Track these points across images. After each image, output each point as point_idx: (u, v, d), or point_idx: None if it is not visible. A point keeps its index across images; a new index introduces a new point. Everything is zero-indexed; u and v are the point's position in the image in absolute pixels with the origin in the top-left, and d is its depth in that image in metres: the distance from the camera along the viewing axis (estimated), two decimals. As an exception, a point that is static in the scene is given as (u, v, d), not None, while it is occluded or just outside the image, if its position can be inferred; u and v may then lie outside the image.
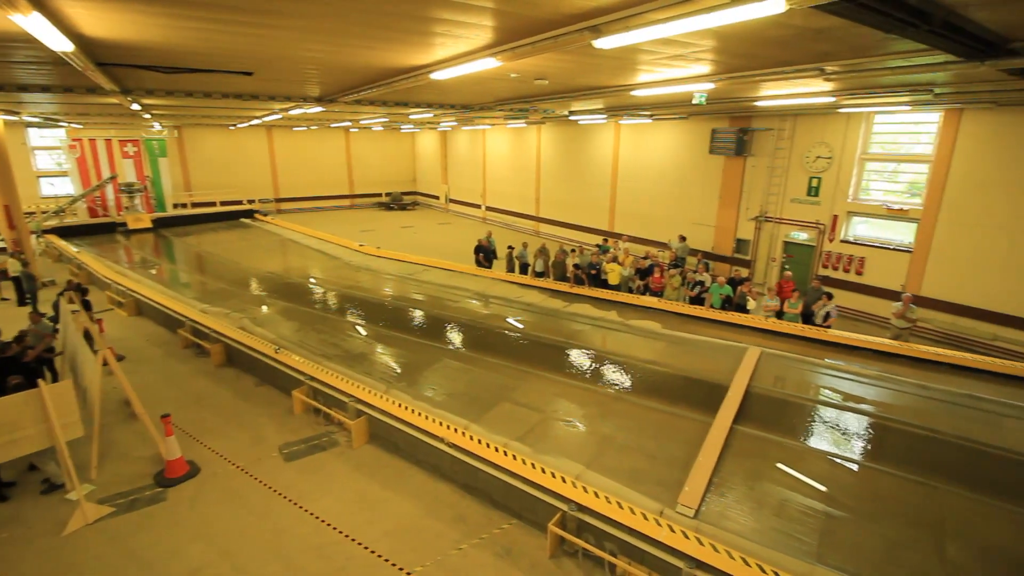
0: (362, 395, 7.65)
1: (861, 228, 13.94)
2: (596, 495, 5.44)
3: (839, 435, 7.43)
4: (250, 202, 29.12)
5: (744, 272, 15.24)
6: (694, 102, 10.05)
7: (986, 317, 11.47)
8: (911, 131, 13.06)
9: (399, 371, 9.21)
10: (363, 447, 7.43)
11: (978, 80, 8.45)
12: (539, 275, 13.91)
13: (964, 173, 11.78)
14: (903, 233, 13.07)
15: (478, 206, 29.94)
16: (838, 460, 6.82)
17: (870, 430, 7.52)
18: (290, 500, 6.34)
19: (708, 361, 9.47)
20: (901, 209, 12.95)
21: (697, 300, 11.93)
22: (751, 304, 11.19)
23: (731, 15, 3.58)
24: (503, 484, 6.05)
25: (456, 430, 6.68)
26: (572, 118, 18.23)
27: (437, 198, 34.14)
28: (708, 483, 5.80)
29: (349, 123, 24.65)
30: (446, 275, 15.00)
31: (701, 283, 12.00)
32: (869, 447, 7.13)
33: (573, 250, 13.98)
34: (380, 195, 34.73)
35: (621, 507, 5.26)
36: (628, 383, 8.82)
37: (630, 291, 12.85)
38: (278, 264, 18.10)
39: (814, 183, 14.42)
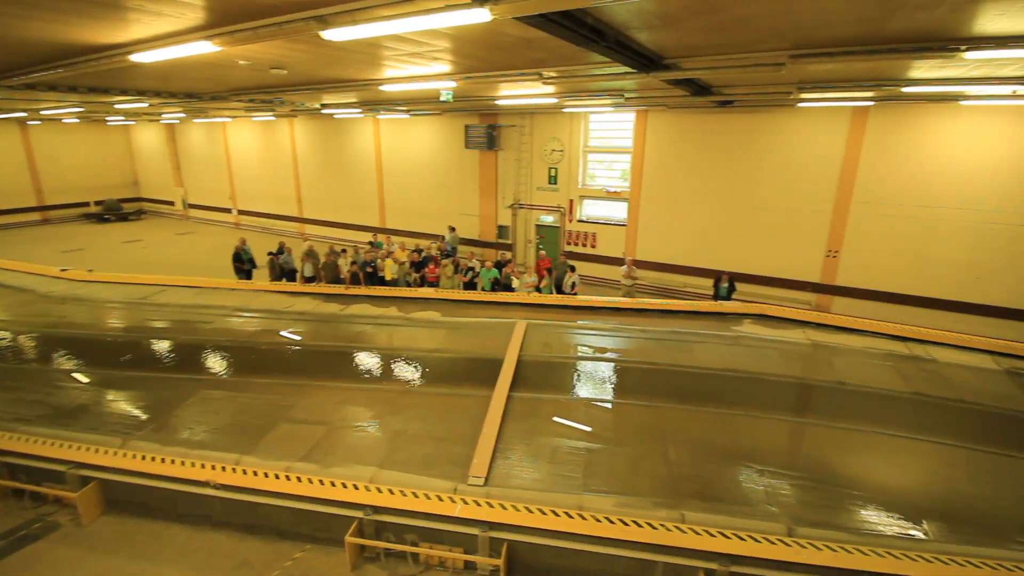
0: (86, 457, 6.12)
1: (591, 209, 16.68)
2: (391, 492, 5.43)
3: (595, 382, 8.88)
4: None
5: (508, 255, 16.79)
6: (441, 99, 10.54)
7: (678, 270, 14.99)
8: (617, 128, 16.05)
9: (141, 417, 7.62)
10: (97, 521, 5.97)
11: (652, 88, 10.77)
12: (309, 280, 13.00)
13: (653, 161, 15.02)
14: (620, 211, 16.08)
15: (228, 210, 26.31)
16: (596, 403, 8.15)
17: (615, 373, 9.16)
18: (-15, 620, 4.75)
19: (485, 340, 10.22)
20: (616, 191, 15.90)
21: (470, 285, 12.72)
22: (515, 283, 12.42)
23: (446, 19, 3.85)
24: (291, 511, 5.58)
25: (225, 468, 5.87)
26: (326, 111, 17.33)
27: (172, 204, 28.85)
28: (493, 451, 6.32)
29: (24, 113, 18.97)
30: (193, 294, 12.87)
31: (472, 269, 12.82)
32: (615, 387, 8.70)
33: (344, 250, 13.42)
34: (88, 204, 27.70)
35: (416, 496, 5.36)
36: (415, 375, 8.96)
37: (408, 285, 12.99)
38: (-78, 309, 12.99)
39: (552, 173, 16.63)
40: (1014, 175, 11.22)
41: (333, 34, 4.70)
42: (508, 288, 12.39)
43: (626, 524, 4.92)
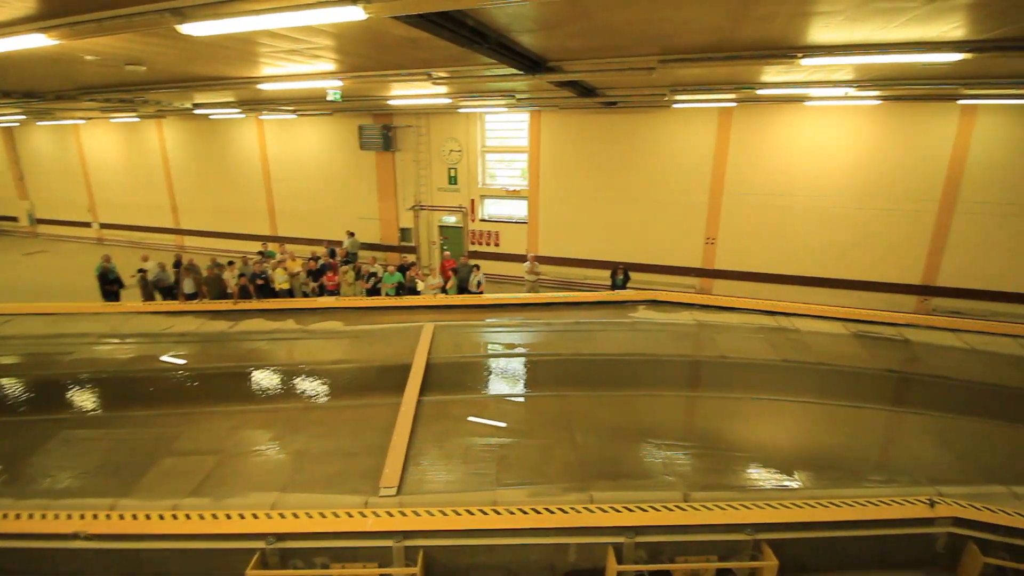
0: (-90, 526, 5.13)
1: (493, 208, 16.89)
2: (295, 516, 5.14)
3: (505, 378, 9.01)
4: None
5: (411, 258, 16.53)
6: (329, 98, 10.12)
7: (578, 264, 15.66)
8: (513, 128, 16.38)
9: (-16, 470, 6.52)
10: (-69, 598, 5.04)
11: (541, 89, 11.13)
12: (190, 297, 11.87)
13: (549, 159, 15.54)
14: (521, 209, 16.45)
15: (88, 224, 23.27)
16: (507, 398, 8.28)
17: (524, 367, 9.36)
18: None
19: (392, 346, 9.97)
20: (516, 190, 16.24)
21: (374, 291, 12.34)
22: (420, 286, 12.26)
23: (318, 16, 3.71)
24: (179, 552, 5.08)
25: (97, 515, 5.21)
26: (199, 112, 15.89)
27: (15, 220, 24.93)
28: (405, 458, 6.20)
29: None
30: (47, 322, 11.23)
31: (374, 274, 12.45)
32: (525, 380, 8.90)
33: (231, 262, 12.41)
34: None
35: (324, 516, 5.12)
36: (319, 389, 8.53)
37: (305, 295, 12.32)
38: None
39: (452, 173, 16.61)
40: (851, 165, 13.06)
41: (193, 28, 4.32)
42: (413, 291, 12.20)
43: (539, 512, 5.07)
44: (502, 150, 16.71)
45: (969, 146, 12.27)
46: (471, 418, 7.52)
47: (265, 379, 8.98)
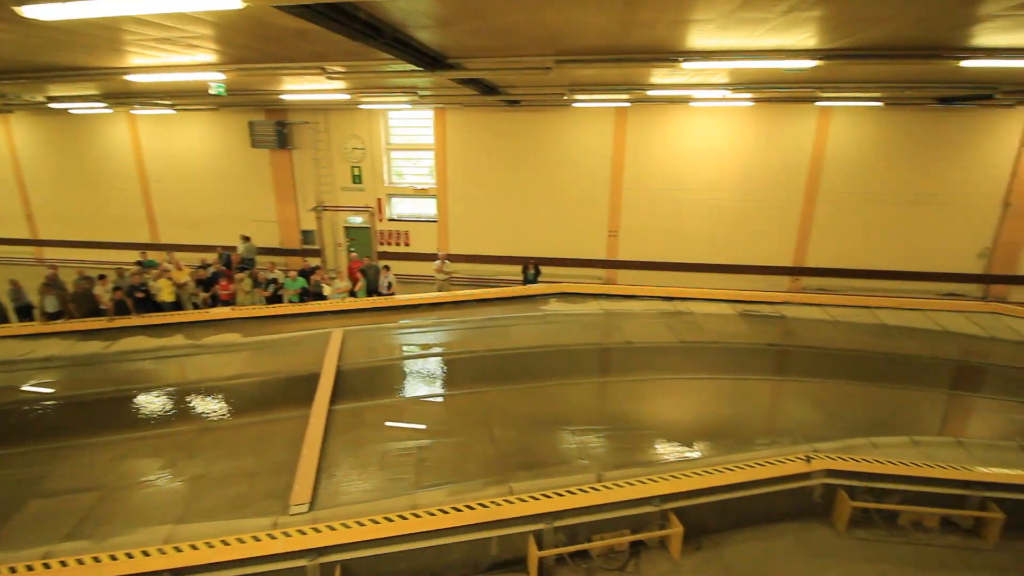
0: None
1: (401, 207, 16.53)
2: (194, 548, 4.71)
3: (421, 379, 8.89)
4: None
5: (316, 261, 15.73)
6: (212, 92, 9.32)
7: (490, 261, 15.80)
8: (418, 125, 16.10)
9: None
10: None
11: (444, 87, 11.03)
12: (53, 316, 10.44)
13: (456, 157, 15.48)
14: (430, 207, 16.25)
15: (-89, 238, 19.63)
16: (424, 399, 8.17)
17: (440, 366, 9.29)
18: None
19: (298, 356, 9.46)
20: (424, 188, 16.02)
21: (275, 299, 11.60)
22: (327, 290, 11.71)
23: (188, 2, 3.40)
24: (53, 605, 4.47)
25: (-61, 577, 4.44)
26: (56, 106, 13.98)
27: None
28: (317, 472, 5.92)
29: None
30: None
31: (274, 281, 11.70)
32: (441, 380, 8.84)
33: (102, 276, 11.05)
34: None
35: (227, 544, 4.75)
36: (216, 408, 7.89)
37: (196, 307, 11.31)
38: None
39: (356, 171, 16.03)
40: (731, 161, 14.34)
41: (38, 11, 3.79)
42: (319, 296, 11.63)
43: (459, 510, 5.06)
44: (408, 148, 16.39)
45: (826, 143, 13.95)
46: (388, 423, 7.35)
47: (152, 402, 8.13)
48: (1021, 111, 13.06)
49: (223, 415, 7.70)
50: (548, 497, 5.26)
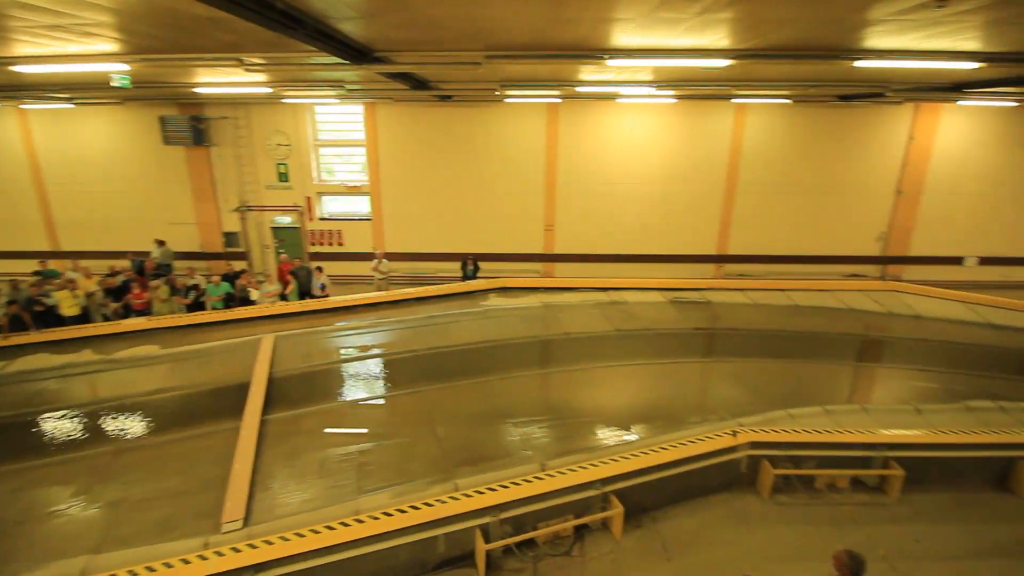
0: None
1: (332, 205, 15.97)
2: (113, 577, 4.37)
3: (360, 382, 8.66)
4: None
5: (241, 265, 14.89)
6: (114, 84, 8.60)
7: (428, 258, 15.62)
8: (348, 120, 15.58)
9: None
10: None
11: (373, 80, 10.76)
12: (-67, 337, 9.25)
13: (388, 153, 15.14)
14: (364, 205, 15.80)
15: None
16: (364, 402, 7.96)
17: (380, 368, 9.09)
18: None
19: (225, 365, 8.94)
20: (357, 186, 15.56)
21: (197, 306, 10.89)
22: (255, 294, 11.13)
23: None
24: (-55, 658, 4.00)
25: None
26: (-80, 99, 12.36)
27: None
28: (250, 486, 5.64)
29: None
30: None
31: (195, 287, 10.98)
32: (382, 381, 8.65)
33: (-10, 288, 9.93)
34: None
35: (152, 570, 4.43)
36: (134, 426, 7.31)
37: (106, 319, 10.40)
38: None
39: (282, 169, 15.30)
40: (657, 155, 14.95)
41: None
42: (247, 301, 11.03)
43: (404, 512, 4.99)
44: (338, 144, 15.83)
45: (743, 138, 14.86)
46: (327, 429, 7.12)
47: (57, 425, 7.42)
48: (909, 107, 14.51)
49: (142, 434, 7.16)
50: (493, 490, 5.30)
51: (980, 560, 5.36)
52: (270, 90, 11.82)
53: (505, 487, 5.34)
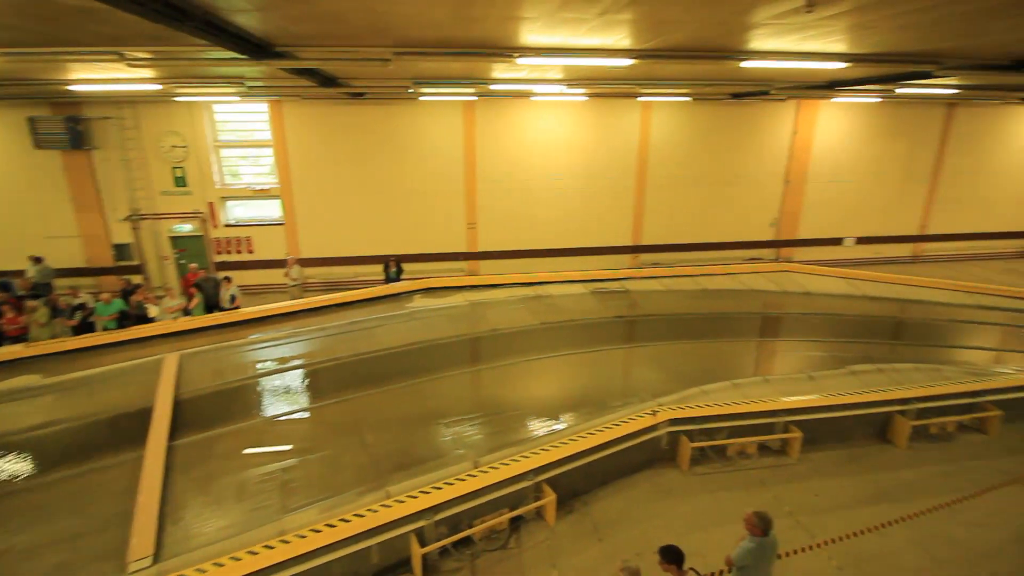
0: None
1: (239, 211, 14.96)
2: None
3: (280, 396, 8.19)
4: None
5: (137, 279, 13.60)
6: (-37, 82, 7.51)
7: (348, 262, 15.09)
8: (253, 119, 14.64)
9: None
10: None
11: (276, 77, 10.17)
12: None
13: (299, 153, 14.41)
14: (274, 209, 14.95)
15: None
16: (285, 417, 7.55)
17: (302, 379, 8.67)
18: None
19: (123, 390, 8.12)
20: (266, 189, 14.68)
21: (85, 327, 9.80)
22: (154, 311, 10.21)
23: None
24: None
25: None
26: None
27: None
28: (159, 518, 5.19)
29: None
30: None
31: (82, 306, 9.88)
32: (304, 393, 8.26)
33: None
34: None
35: (44, 624, 3.97)
36: (14, 468, 6.47)
37: (-30, 349, 9.09)
38: None
39: (178, 173, 14.11)
40: (573, 151, 15.41)
41: None
42: (145, 319, 10.09)
43: (333, 526, 4.82)
44: (242, 145, 14.83)
45: (650, 134, 15.66)
46: (246, 450, 6.70)
47: (-87, 475, 6.40)
48: (792, 104, 15.98)
49: (25, 474, 6.36)
50: (427, 493, 5.25)
51: (869, 506, 6.06)
52: (159, 87, 10.85)
53: (439, 488, 5.31)
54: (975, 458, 6.99)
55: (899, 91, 12.41)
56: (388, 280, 12.84)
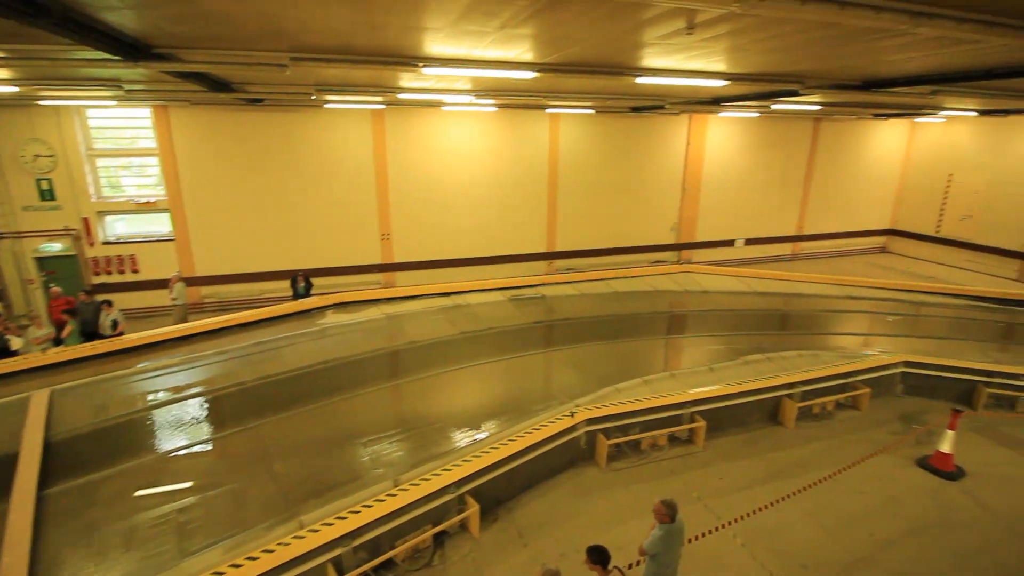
0: None
1: (120, 226, 13.53)
2: None
3: (174, 429, 7.43)
4: None
5: (-6, 308, 11.85)
6: None
7: (252, 278, 14.13)
8: (134, 126, 13.31)
9: None
10: None
11: (159, 80, 9.30)
12: None
13: (190, 163, 13.30)
14: (163, 224, 13.67)
15: None
16: (186, 450, 6.90)
17: (203, 408, 7.95)
18: None
19: (-24, 438, 7.01)
20: (151, 202, 13.40)
21: (-76, 368, 8.34)
22: (17, 343, 8.93)
23: None
24: None
25: None
26: None
27: None
28: (26, 581, 4.52)
29: None
30: None
31: (-81, 343, 8.40)
32: (203, 423, 7.58)
33: None
34: None
35: None
36: None
37: None
38: None
39: (44, 186, 12.50)
40: (486, 161, 15.56)
41: None
42: (6, 352, 8.79)
43: (238, 565, 4.45)
44: (122, 154, 13.43)
45: (559, 144, 16.20)
46: (136, 493, 6.02)
47: None
48: (685, 118, 17.25)
49: None
50: (343, 519, 5.01)
51: (767, 484, 6.62)
52: (16, 89, 9.57)
53: (356, 512, 5.09)
54: (851, 432, 7.88)
55: (774, 107, 13.81)
56: (297, 296, 12.16)
